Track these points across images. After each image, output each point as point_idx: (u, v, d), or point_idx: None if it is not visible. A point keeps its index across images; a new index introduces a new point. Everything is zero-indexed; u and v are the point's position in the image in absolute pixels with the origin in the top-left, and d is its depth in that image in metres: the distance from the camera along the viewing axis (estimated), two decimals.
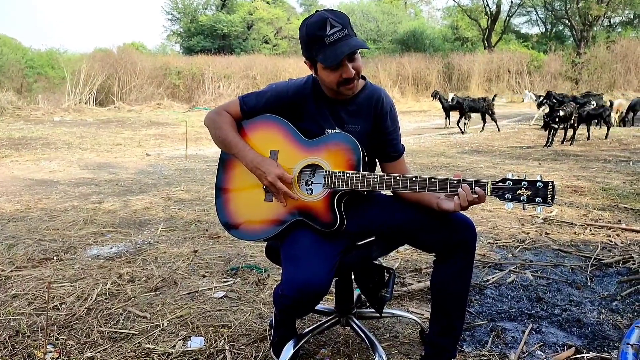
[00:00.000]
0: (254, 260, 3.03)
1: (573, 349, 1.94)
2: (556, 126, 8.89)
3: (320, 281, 1.46)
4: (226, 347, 1.98)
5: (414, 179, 1.54)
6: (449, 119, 13.27)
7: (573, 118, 9.02)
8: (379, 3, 37.83)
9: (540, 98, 13.06)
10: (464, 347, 1.98)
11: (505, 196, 1.46)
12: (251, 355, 1.93)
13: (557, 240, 3.39)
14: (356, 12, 35.20)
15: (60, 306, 2.37)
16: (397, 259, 3.03)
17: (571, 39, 31.62)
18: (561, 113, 8.80)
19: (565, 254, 3.11)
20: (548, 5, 31.16)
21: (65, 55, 23.21)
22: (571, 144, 9.05)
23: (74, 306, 2.37)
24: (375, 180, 1.57)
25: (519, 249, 3.22)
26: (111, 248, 3.30)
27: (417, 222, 1.65)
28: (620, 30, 31.37)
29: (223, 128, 1.70)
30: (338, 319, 1.93)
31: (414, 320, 2.11)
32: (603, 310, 2.31)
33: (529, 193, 1.45)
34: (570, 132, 9.37)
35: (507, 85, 24.42)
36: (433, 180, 1.52)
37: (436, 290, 1.70)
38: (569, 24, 30.44)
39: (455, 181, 1.50)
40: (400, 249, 3.11)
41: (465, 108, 11.56)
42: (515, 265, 2.90)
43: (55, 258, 3.08)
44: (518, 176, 1.49)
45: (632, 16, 31.31)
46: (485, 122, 11.93)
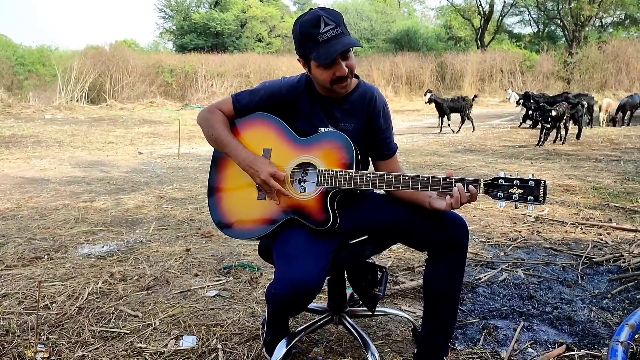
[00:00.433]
0: (247, 259, 3.02)
1: (564, 346, 1.96)
2: (548, 125, 8.95)
3: (313, 280, 1.46)
4: (218, 346, 1.98)
5: (407, 178, 1.54)
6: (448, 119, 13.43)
7: (565, 117, 9.08)
8: (372, 2, 37.84)
9: (517, 98, 13.22)
10: (456, 345, 1.99)
11: (498, 195, 1.47)
12: (244, 354, 1.92)
13: (549, 238, 3.41)
14: (350, 11, 35.21)
15: (51, 305, 2.35)
16: (390, 257, 3.03)
17: (563, 39, 31.82)
18: (553, 113, 8.86)
19: (557, 253, 3.13)
20: (540, 5, 31.34)
21: (57, 53, 22.99)
22: (562, 143, 9.11)
23: (64, 305, 2.35)
24: (368, 178, 1.57)
25: (510, 247, 3.24)
26: (102, 247, 3.28)
27: (410, 221, 1.66)
28: (611, 30, 31.64)
29: (216, 126, 1.69)
30: (331, 318, 1.93)
31: (407, 318, 2.11)
32: (594, 308, 2.33)
33: (521, 192, 1.45)
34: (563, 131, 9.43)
35: (500, 84, 24.53)
36: (426, 178, 1.52)
37: (429, 289, 1.70)
38: (561, 24, 30.64)
39: (448, 180, 1.50)
40: (393, 247, 3.12)
41: (446, 109, 11.49)
42: (507, 264, 2.92)
43: (46, 257, 3.05)
44: (510, 175, 1.49)
45: (624, 17, 31.57)
46: (463, 122, 11.91)
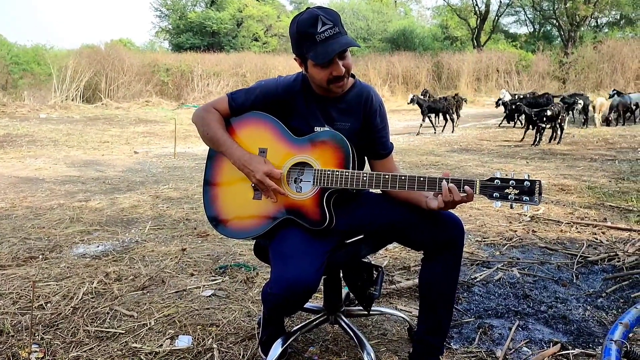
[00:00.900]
0: (243, 258, 3.01)
1: (559, 345, 1.96)
2: (544, 125, 8.98)
3: (309, 279, 1.46)
4: (214, 346, 1.97)
5: (403, 178, 1.54)
6: (438, 118, 13.41)
7: (560, 117, 9.11)
8: (369, 2, 37.87)
9: (510, 97, 13.32)
10: (451, 344, 1.99)
11: (494, 195, 1.47)
12: (239, 354, 1.92)
13: (544, 238, 3.42)
14: (346, 11, 35.22)
15: (46, 305, 2.34)
16: (386, 257, 3.03)
17: (559, 39, 31.96)
18: (548, 113, 8.90)
19: (552, 252, 3.14)
20: (536, 5, 31.45)
21: (52, 52, 22.94)
22: (558, 142, 9.14)
23: (59, 305, 2.34)
24: (365, 178, 1.57)
25: (506, 246, 3.25)
26: (98, 246, 3.27)
27: (406, 221, 1.66)
28: (607, 30, 31.79)
29: (211, 125, 1.68)
30: (326, 317, 1.93)
31: (403, 317, 2.12)
32: (588, 307, 2.34)
33: (517, 192, 1.46)
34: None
35: (496, 84, 24.60)
36: (422, 178, 1.52)
37: (424, 288, 1.70)
38: (557, 24, 30.76)
39: (444, 180, 1.50)
40: (389, 247, 3.12)
41: (425, 109, 11.42)
42: (503, 263, 2.93)
43: (40, 257, 3.04)
44: (506, 175, 1.49)
45: (619, 17, 31.73)
46: (447, 122, 11.84)
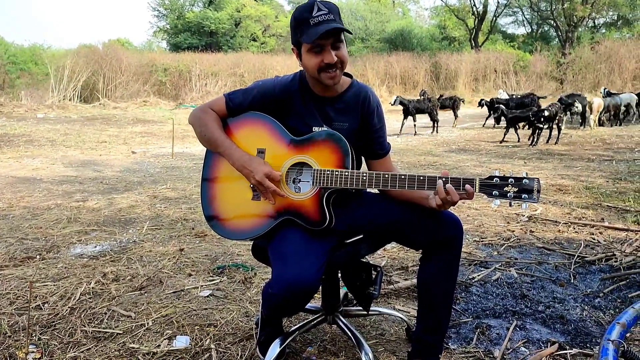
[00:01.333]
0: (241, 258, 3.01)
1: (556, 345, 1.97)
2: (541, 126, 9.01)
3: (310, 279, 1.46)
4: (212, 346, 1.97)
5: (403, 177, 1.54)
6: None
7: (558, 118, 9.14)
8: (367, 2, 37.91)
9: (507, 97, 13.44)
10: (449, 344, 1.99)
11: (493, 193, 1.48)
12: (237, 354, 1.92)
13: (542, 238, 3.43)
14: (344, 11, 35.21)
15: (43, 306, 2.34)
16: (384, 257, 3.03)
17: (556, 39, 32.04)
18: (546, 113, 8.92)
19: (550, 252, 3.15)
20: (534, 5, 31.53)
21: (49, 51, 22.86)
22: (556, 143, 9.16)
23: (57, 306, 2.33)
24: (364, 178, 1.57)
25: (504, 246, 3.25)
26: (95, 247, 3.26)
27: (405, 220, 1.66)
28: (604, 31, 31.89)
29: (209, 126, 1.67)
30: (324, 317, 1.93)
31: (401, 318, 2.12)
32: (586, 307, 2.34)
33: (516, 190, 1.47)
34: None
35: (494, 85, 24.64)
36: (422, 177, 1.53)
37: (423, 287, 1.70)
38: (555, 24, 30.84)
39: (444, 179, 1.50)
40: (387, 247, 3.12)
41: (412, 110, 11.41)
42: (501, 263, 2.93)
43: (38, 257, 3.03)
44: (505, 174, 1.50)
45: (616, 17, 31.83)
46: (433, 122, 11.77)
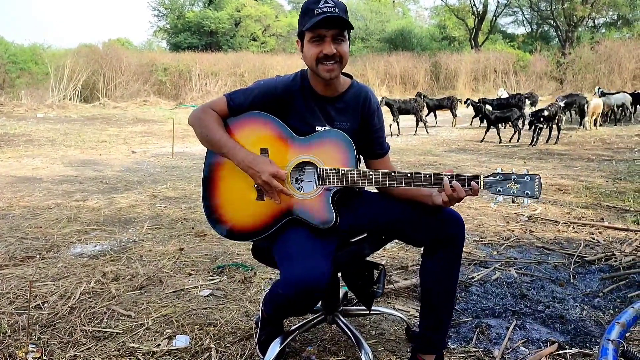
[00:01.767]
0: (241, 258, 3.01)
1: (556, 345, 1.97)
2: (541, 125, 9.01)
3: (321, 278, 1.46)
4: (212, 346, 1.97)
5: (409, 175, 1.56)
6: (436, 118, 13.53)
7: (557, 117, 9.14)
8: (367, 2, 37.90)
9: (507, 95, 13.56)
10: (449, 344, 1.99)
11: (497, 190, 1.52)
12: (237, 354, 1.92)
13: (541, 237, 3.43)
14: None
15: (43, 305, 2.34)
16: (384, 256, 3.04)
17: (556, 39, 32.05)
18: (546, 113, 8.92)
19: (549, 252, 3.15)
20: (534, 5, 31.53)
21: (49, 51, 22.86)
22: (555, 143, 9.17)
23: (56, 305, 2.33)
24: (371, 176, 1.58)
25: (503, 246, 3.25)
26: (95, 246, 3.26)
27: (407, 218, 1.67)
28: (604, 31, 31.90)
29: (210, 127, 1.65)
30: (324, 317, 1.93)
31: (400, 317, 2.12)
32: (585, 307, 2.35)
33: (518, 186, 1.51)
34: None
35: (494, 84, 24.65)
36: (427, 175, 1.55)
37: (425, 284, 1.71)
38: (554, 24, 30.85)
39: (449, 176, 1.52)
40: (387, 246, 3.12)
41: (395, 110, 11.33)
42: (500, 263, 2.93)
43: (37, 256, 3.03)
44: (506, 171, 1.53)
45: (616, 17, 31.83)
46: (418, 124, 11.62)
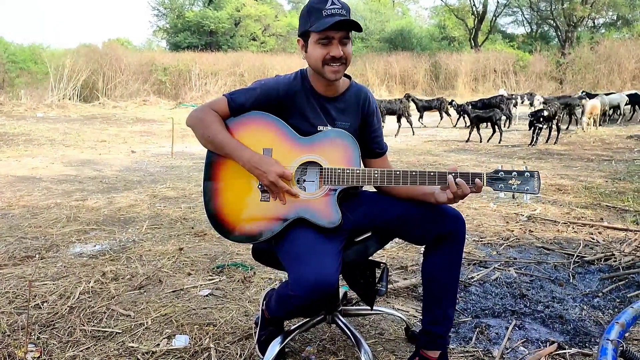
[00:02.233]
0: (240, 258, 3.01)
1: (555, 344, 1.97)
2: (541, 125, 9.01)
3: (331, 278, 1.46)
4: (211, 345, 1.97)
5: (414, 173, 1.57)
6: (421, 119, 13.71)
7: (557, 117, 9.15)
8: (366, 1, 37.88)
9: (507, 95, 13.68)
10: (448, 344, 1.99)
11: (499, 186, 1.56)
12: (236, 353, 1.92)
13: (541, 237, 3.43)
14: None
15: (42, 305, 2.34)
16: (384, 256, 3.04)
17: (556, 39, 32.06)
18: (545, 113, 8.92)
19: (549, 252, 3.15)
20: (533, 5, 31.54)
21: (49, 50, 22.85)
22: (555, 143, 9.17)
23: (56, 305, 2.33)
24: (376, 175, 1.59)
25: (503, 246, 3.25)
26: (95, 246, 3.26)
27: (408, 215, 1.68)
28: (603, 31, 31.90)
29: (212, 127, 1.62)
30: (324, 317, 1.93)
31: (400, 317, 2.12)
32: (585, 307, 2.35)
33: (519, 182, 1.56)
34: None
35: (494, 84, 24.65)
36: (432, 173, 1.56)
37: (428, 279, 1.71)
38: (554, 24, 30.87)
39: (453, 174, 1.54)
40: (387, 246, 3.12)
41: (382, 110, 11.10)
42: (500, 263, 2.94)
43: (37, 256, 3.03)
44: (507, 169, 1.57)
45: (616, 17, 31.84)
46: (400, 125, 11.30)
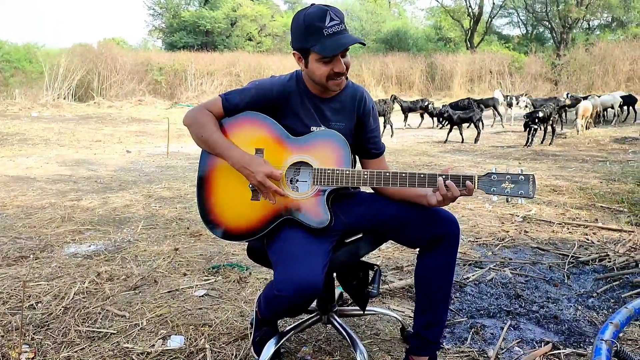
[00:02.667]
0: (236, 258, 3.01)
1: (550, 345, 1.98)
2: (536, 126, 9.04)
3: (316, 279, 1.45)
4: (206, 346, 1.96)
5: (404, 175, 1.55)
6: (407, 120, 13.81)
7: (552, 118, 9.19)
8: (363, 2, 37.90)
9: (503, 97, 13.89)
10: (443, 344, 2.00)
11: (492, 189, 1.52)
12: (232, 354, 1.92)
13: (536, 238, 3.44)
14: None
15: (37, 305, 2.32)
16: (379, 257, 3.04)
17: (551, 40, 32.20)
18: (540, 114, 8.96)
19: (544, 252, 3.16)
20: (529, 7, 31.66)
21: (43, 50, 22.69)
22: (550, 144, 9.21)
23: (50, 305, 2.32)
24: (365, 176, 1.58)
25: (498, 247, 3.26)
26: (89, 246, 3.24)
27: (402, 217, 1.67)
28: (598, 33, 32.06)
29: (206, 127, 1.64)
30: (319, 317, 1.93)
31: (395, 317, 2.12)
32: (579, 307, 2.36)
33: (512, 186, 1.51)
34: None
35: (489, 85, 24.72)
36: (422, 175, 1.54)
37: (420, 283, 1.71)
38: (549, 26, 30.99)
39: (444, 176, 1.52)
40: (382, 247, 3.13)
41: None
42: (495, 263, 2.94)
43: (31, 256, 3.01)
44: (501, 171, 1.53)
45: (610, 19, 32.02)
46: (385, 126, 11.13)
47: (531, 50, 28.20)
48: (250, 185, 1.63)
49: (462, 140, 9.96)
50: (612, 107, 13.05)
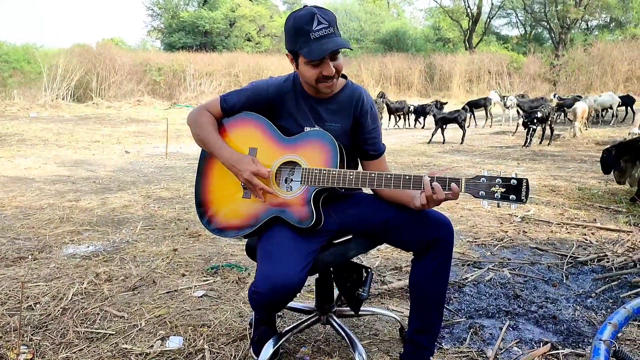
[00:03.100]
0: (235, 258, 3.00)
1: (549, 345, 1.98)
2: (534, 127, 9.06)
3: (293, 279, 1.46)
4: (205, 347, 1.96)
5: (389, 176, 1.54)
6: (394, 120, 13.95)
7: (550, 119, 9.20)
8: (361, 2, 37.93)
9: (499, 98, 14.03)
10: (442, 344, 2.00)
11: (480, 193, 1.46)
12: (231, 355, 1.91)
13: (535, 238, 3.45)
14: (339, 11, 35.27)
15: (35, 306, 2.32)
16: (378, 257, 3.04)
17: (550, 41, 32.25)
18: (539, 114, 8.97)
19: (542, 252, 3.17)
20: (527, 7, 31.72)
21: (42, 50, 22.66)
22: (549, 144, 9.22)
23: (48, 306, 2.32)
24: (351, 177, 1.57)
25: (497, 247, 3.27)
26: (88, 247, 3.24)
27: (395, 221, 1.67)
28: (597, 33, 32.12)
29: (203, 127, 1.70)
30: (318, 318, 1.93)
31: (394, 318, 2.12)
32: (578, 307, 2.36)
33: (503, 190, 1.44)
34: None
35: (488, 86, 24.75)
36: (407, 177, 1.53)
37: (415, 288, 1.71)
38: (548, 26, 31.05)
39: (430, 178, 1.50)
40: (381, 247, 3.13)
41: None
42: (494, 263, 2.95)
43: (29, 257, 3.01)
44: (492, 174, 1.47)
45: (609, 20, 32.09)
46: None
47: (530, 51, 28.27)
48: (242, 184, 1.66)
49: (444, 141, 9.96)
50: (611, 108, 13.08)
